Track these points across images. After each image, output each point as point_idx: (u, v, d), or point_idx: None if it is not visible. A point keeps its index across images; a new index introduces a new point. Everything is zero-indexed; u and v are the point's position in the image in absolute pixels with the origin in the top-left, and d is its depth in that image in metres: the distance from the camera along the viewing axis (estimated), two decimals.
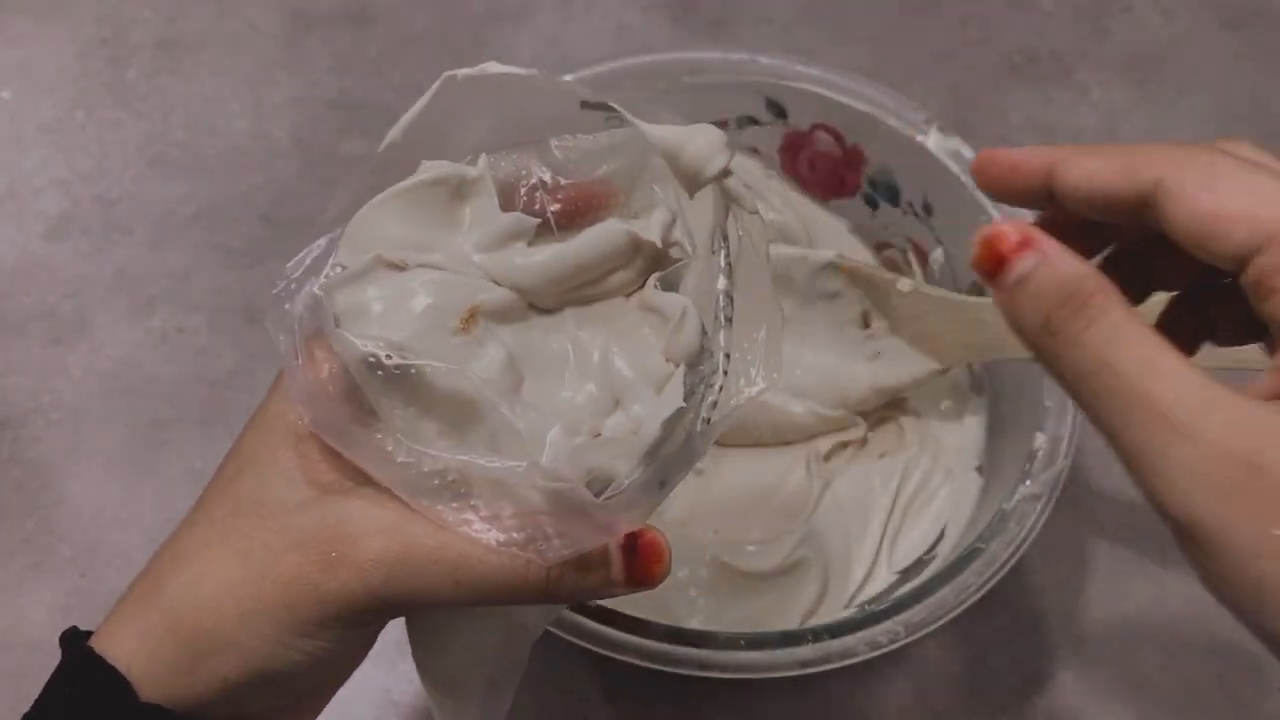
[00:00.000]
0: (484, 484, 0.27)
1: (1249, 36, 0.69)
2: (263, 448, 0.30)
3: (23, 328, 0.58)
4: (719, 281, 0.30)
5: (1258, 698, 0.50)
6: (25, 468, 0.54)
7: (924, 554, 0.49)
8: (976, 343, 0.48)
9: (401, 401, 0.28)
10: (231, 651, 0.28)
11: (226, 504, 0.29)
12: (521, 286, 0.30)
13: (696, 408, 0.29)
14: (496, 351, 0.29)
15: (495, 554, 0.27)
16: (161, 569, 0.29)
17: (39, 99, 0.65)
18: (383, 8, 0.69)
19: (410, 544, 0.27)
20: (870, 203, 0.55)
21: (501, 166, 0.31)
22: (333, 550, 0.27)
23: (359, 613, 0.28)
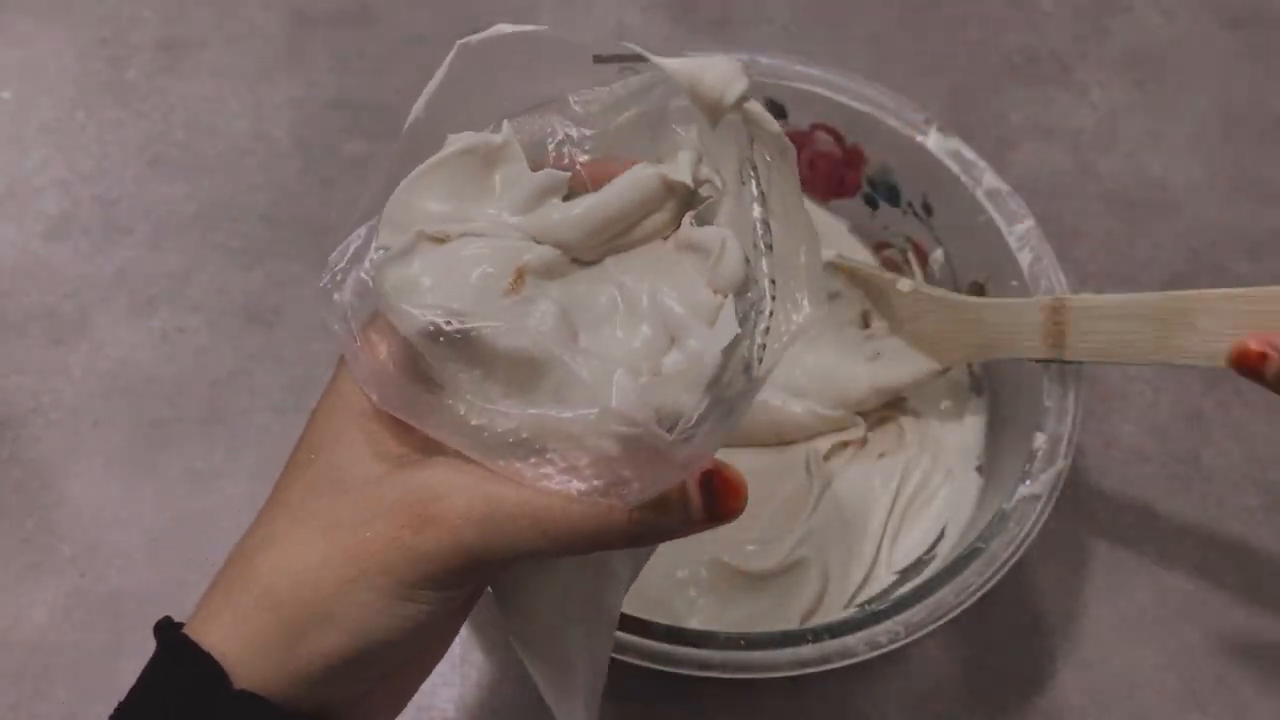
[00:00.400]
0: (557, 437, 0.27)
1: (1249, 36, 0.69)
2: (331, 431, 0.30)
3: (23, 328, 0.58)
4: (754, 210, 0.30)
5: (1258, 698, 0.50)
6: (25, 467, 0.54)
7: (924, 554, 0.49)
8: (976, 342, 0.48)
9: (466, 366, 0.28)
10: (331, 623, 0.28)
11: (302, 488, 0.30)
12: (562, 241, 0.30)
13: (751, 335, 0.29)
14: (548, 307, 0.29)
15: (577, 503, 0.28)
16: (247, 556, 0.29)
17: (39, 99, 0.65)
18: (383, 8, 0.69)
19: (495, 500, 0.28)
20: (870, 203, 0.55)
21: (526, 129, 0.31)
22: (421, 512, 0.28)
23: (455, 572, 0.28)
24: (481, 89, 0.31)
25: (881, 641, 0.41)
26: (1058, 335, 0.45)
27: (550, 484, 0.28)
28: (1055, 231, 0.52)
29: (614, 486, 0.27)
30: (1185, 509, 0.55)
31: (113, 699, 0.36)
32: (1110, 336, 0.43)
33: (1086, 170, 0.65)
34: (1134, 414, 0.57)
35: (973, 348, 0.49)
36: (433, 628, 0.29)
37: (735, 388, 0.28)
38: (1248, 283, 0.60)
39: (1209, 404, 0.57)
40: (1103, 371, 0.58)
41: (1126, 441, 0.56)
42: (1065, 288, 0.48)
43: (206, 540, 0.52)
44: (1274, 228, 0.63)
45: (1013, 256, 0.49)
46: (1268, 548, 0.54)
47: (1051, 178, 0.64)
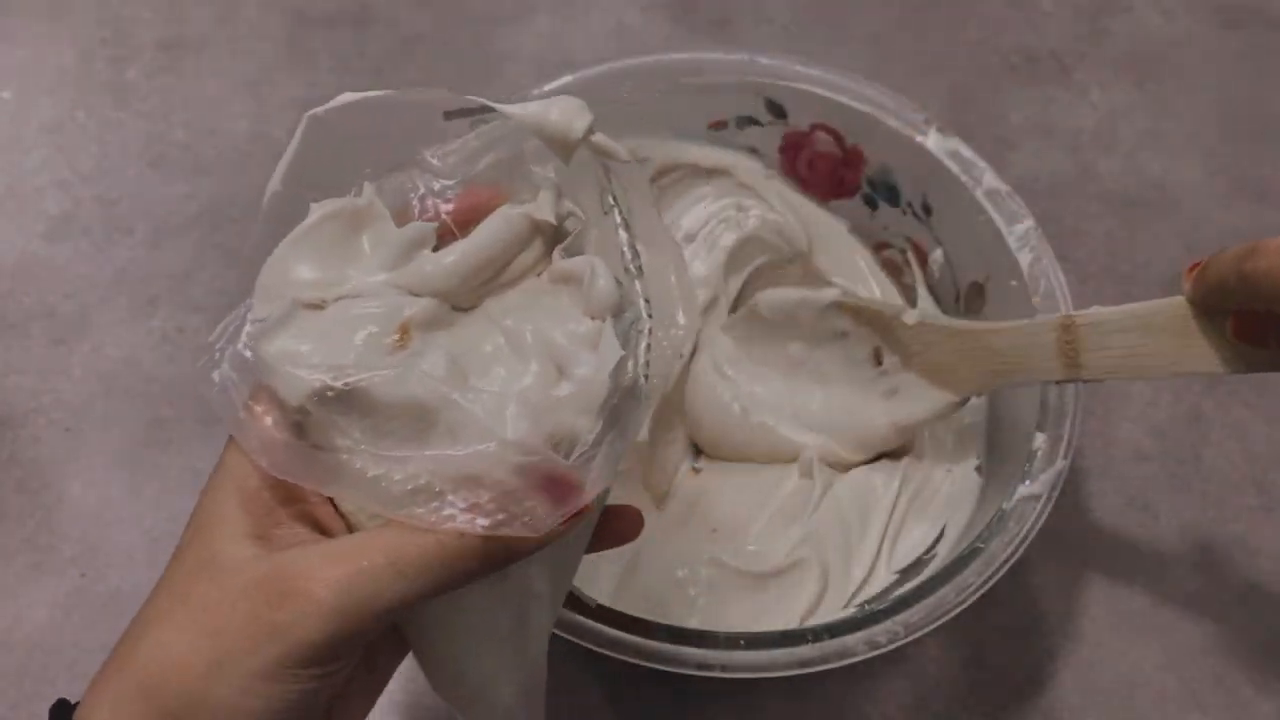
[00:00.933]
0: (457, 478, 0.28)
1: (1249, 37, 0.69)
2: (213, 511, 0.30)
3: (24, 328, 0.58)
4: (620, 236, 0.31)
5: (1257, 698, 0.50)
6: (26, 467, 0.54)
7: (924, 553, 0.49)
8: (990, 369, 0.47)
9: (358, 421, 0.28)
10: (203, 710, 0.28)
11: (182, 571, 0.30)
12: (439, 290, 0.31)
13: (634, 353, 0.30)
14: (438, 357, 0.30)
15: (425, 533, 0.28)
16: (131, 637, 0.29)
17: (40, 99, 0.65)
18: (383, 9, 0.69)
19: (352, 555, 0.28)
20: (870, 203, 0.55)
21: (387, 189, 0.32)
22: (281, 587, 0.28)
23: (321, 645, 0.28)
24: (338, 157, 0.31)
25: (881, 641, 0.41)
26: (1072, 354, 0.44)
27: (455, 524, 0.28)
28: (1055, 231, 0.52)
29: (518, 519, 0.28)
30: (1185, 509, 0.55)
31: None
32: (1126, 350, 0.42)
33: (1086, 170, 0.65)
34: (1134, 414, 0.57)
35: (988, 375, 0.47)
36: (312, 708, 0.29)
37: (626, 406, 0.29)
38: None
39: (1209, 404, 0.57)
40: None
41: (1126, 441, 0.56)
42: (1065, 288, 0.48)
43: None
44: (1273, 228, 0.63)
45: (1012, 257, 0.49)
46: (1267, 548, 0.54)
47: (1051, 178, 0.64)
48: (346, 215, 0.31)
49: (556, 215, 0.32)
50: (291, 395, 0.28)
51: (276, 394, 0.29)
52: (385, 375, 0.28)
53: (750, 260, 0.56)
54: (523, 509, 0.28)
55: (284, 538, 0.29)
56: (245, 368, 0.29)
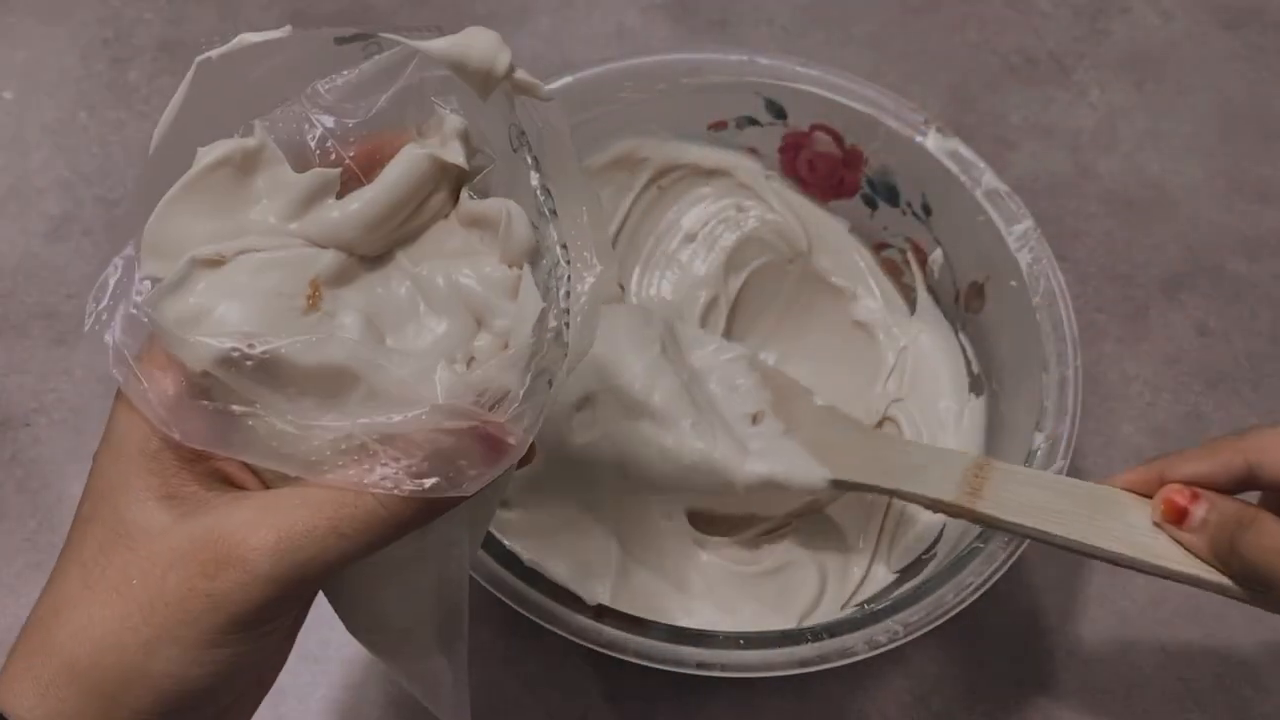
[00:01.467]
0: (387, 439, 0.27)
1: (1248, 37, 0.69)
2: (115, 477, 0.29)
3: (25, 328, 0.58)
4: (531, 178, 0.30)
5: (1257, 698, 0.50)
6: (27, 467, 0.54)
7: (923, 553, 0.49)
8: (882, 468, 0.46)
9: (274, 389, 0.27)
10: (141, 684, 0.27)
11: (93, 543, 0.28)
12: (346, 242, 0.29)
13: (555, 302, 0.28)
14: (352, 318, 0.29)
15: (366, 495, 0.27)
16: (45, 622, 0.28)
17: (42, 100, 0.65)
18: (383, 9, 0.69)
19: (283, 518, 0.27)
20: (869, 203, 0.55)
21: (279, 129, 0.29)
22: (213, 555, 0.27)
23: (262, 607, 0.27)
24: (230, 103, 0.29)
25: (881, 641, 0.41)
26: (975, 485, 0.42)
27: (389, 486, 0.27)
28: (1054, 232, 0.52)
29: (452, 478, 0.27)
30: None
31: None
32: (1031, 502, 0.41)
33: (1085, 171, 0.65)
34: (1133, 414, 0.57)
35: (876, 471, 0.46)
36: (255, 665, 0.28)
37: (551, 357, 0.28)
38: (1245, 284, 0.61)
39: (1208, 404, 0.58)
40: (1102, 371, 0.58)
41: (1126, 441, 0.56)
42: (1064, 288, 0.48)
43: None
44: (1272, 228, 0.63)
45: (1012, 257, 0.49)
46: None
47: (1050, 178, 0.64)
48: (238, 159, 0.29)
49: (465, 153, 0.30)
50: (197, 363, 0.27)
51: (179, 359, 0.27)
52: (301, 341, 0.27)
53: (750, 260, 0.56)
54: (456, 467, 0.27)
55: (196, 497, 0.28)
56: (138, 330, 0.28)
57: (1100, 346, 0.59)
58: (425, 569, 0.32)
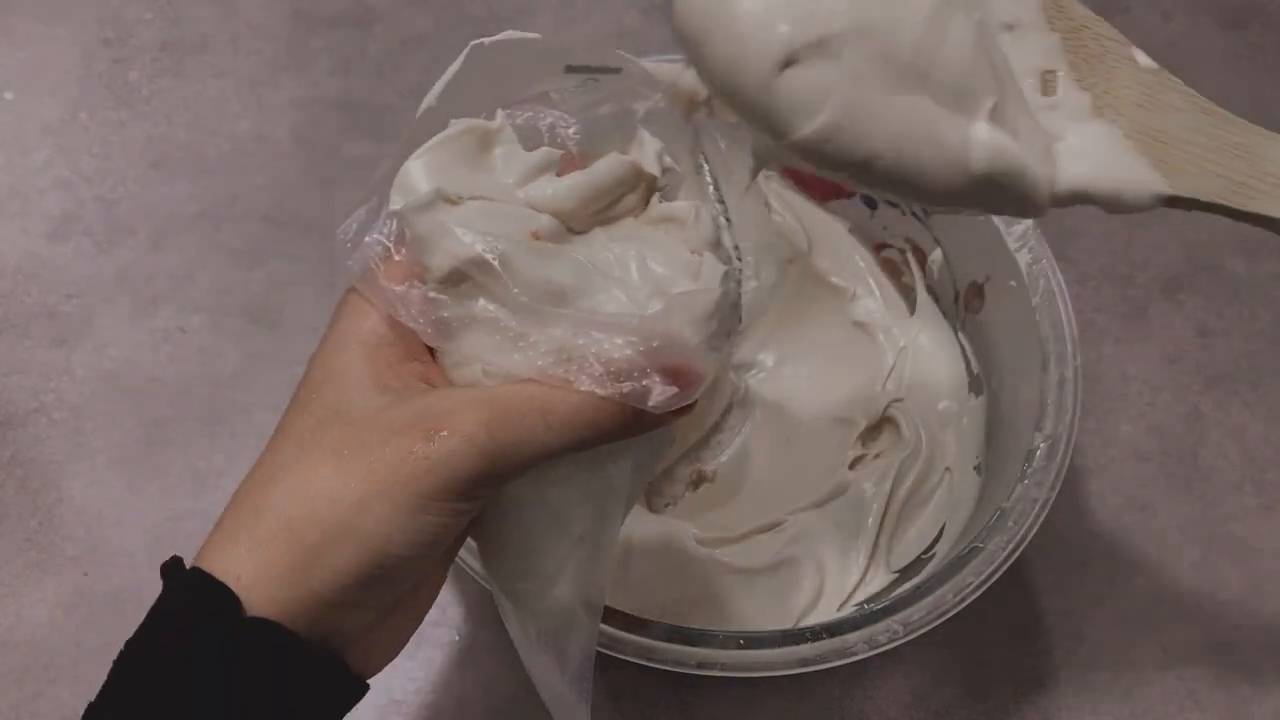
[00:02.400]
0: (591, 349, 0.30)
1: (1248, 37, 0.69)
2: (334, 368, 0.31)
3: (25, 328, 0.58)
4: (710, 192, 0.35)
5: (1257, 697, 0.50)
6: (28, 467, 0.54)
7: (923, 553, 0.49)
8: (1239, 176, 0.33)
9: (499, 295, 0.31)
10: (349, 540, 0.29)
11: (310, 419, 0.31)
12: (560, 211, 0.33)
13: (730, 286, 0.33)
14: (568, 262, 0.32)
15: (575, 393, 0.30)
16: (258, 486, 0.30)
17: (42, 100, 0.65)
18: (384, 9, 0.69)
19: (500, 401, 0.30)
20: (869, 203, 0.55)
21: (515, 118, 0.34)
22: (433, 424, 0.29)
23: (470, 478, 0.29)
24: (483, 84, 0.35)
25: (881, 640, 0.41)
26: None
27: (592, 386, 0.30)
28: (1053, 231, 0.52)
29: (642, 393, 0.30)
30: (1183, 508, 0.55)
31: None
32: None
33: None
34: (1133, 413, 0.57)
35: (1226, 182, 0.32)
36: (440, 545, 0.30)
37: (729, 317, 0.32)
38: (1245, 284, 0.61)
39: (1208, 404, 0.58)
40: (1102, 371, 0.58)
41: (1125, 441, 0.56)
42: (1064, 288, 0.48)
43: None
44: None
45: (1011, 256, 0.49)
46: (1265, 546, 0.54)
47: None
48: (480, 133, 0.33)
49: (659, 167, 0.34)
50: (446, 260, 0.30)
51: (422, 262, 0.31)
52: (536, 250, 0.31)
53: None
54: (647, 385, 0.30)
55: (407, 389, 0.31)
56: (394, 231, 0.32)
57: (1100, 346, 0.59)
58: (581, 515, 0.34)
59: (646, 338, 0.30)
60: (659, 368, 0.30)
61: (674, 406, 0.30)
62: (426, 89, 0.34)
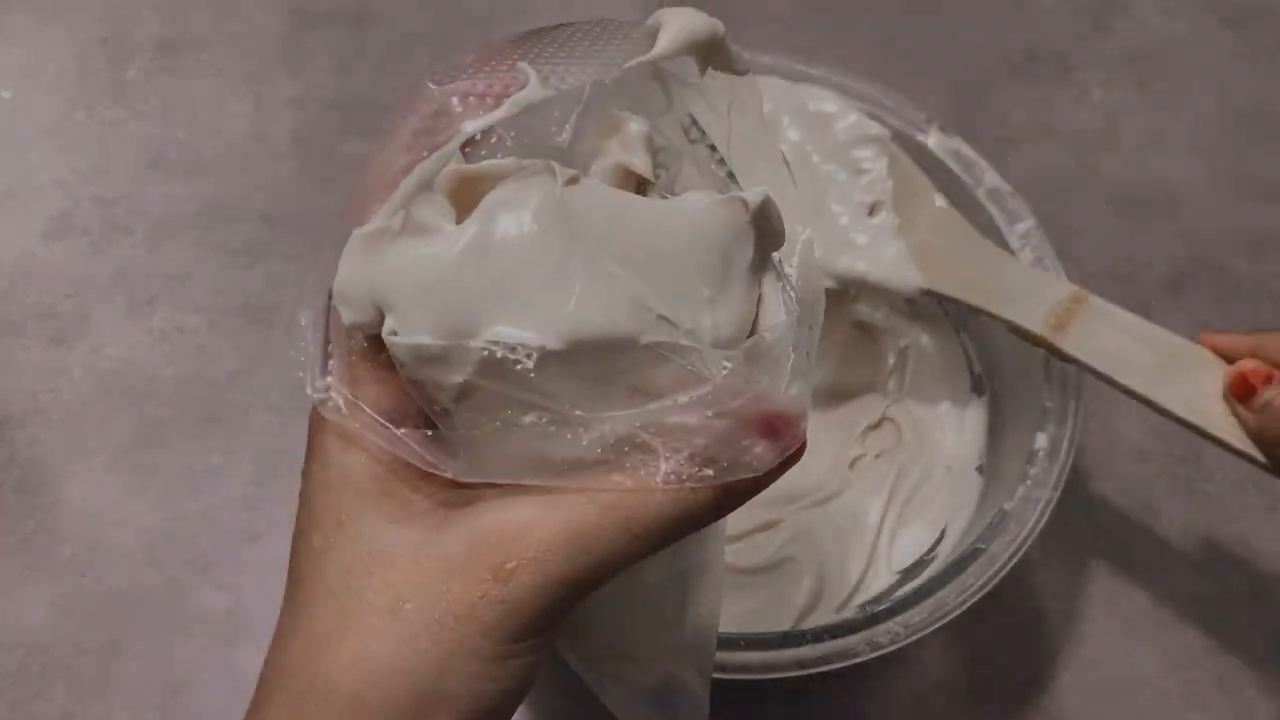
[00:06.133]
0: (663, 428, 0.25)
1: (1250, 36, 0.69)
2: (347, 506, 0.27)
3: (22, 328, 0.58)
4: (714, 169, 0.29)
5: (1259, 698, 0.50)
6: (25, 468, 0.54)
7: (924, 554, 0.48)
8: (980, 285, 0.46)
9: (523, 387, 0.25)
10: (439, 710, 0.25)
11: (338, 571, 0.26)
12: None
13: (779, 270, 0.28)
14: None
15: (657, 492, 0.25)
16: (304, 662, 0.26)
17: (39, 99, 0.65)
18: (383, 8, 0.68)
19: (572, 518, 0.25)
20: None
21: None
22: (502, 559, 0.25)
23: (553, 611, 0.25)
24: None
25: (882, 642, 0.41)
26: (1063, 319, 0.43)
27: (672, 480, 0.25)
28: (1057, 231, 0.52)
29: (740, 462, 0.26)
30: (1186, 509, 0.54)
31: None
32: (1111, 346, 0.43)
33: (1088, 170, 0.65)
34: (1135, 414, 0.57)
35: (972, 289, 0.46)
36: (533, 679, 0.27)
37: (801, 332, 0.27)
38: (1248, 283, 0.61)
39: None
40: None
41: (1127, 442, 0.56)
42: None
43: (206, 541, 0.52)
44: (1275, 226, 0.63)
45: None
46: (1268, 548, 0.54)
47: (1053, 177, 0.64)
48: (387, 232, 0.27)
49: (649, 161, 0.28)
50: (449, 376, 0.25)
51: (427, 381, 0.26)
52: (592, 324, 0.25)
53: None
54: (738, 450, 0.25)
55: (437, 513, 0.26)
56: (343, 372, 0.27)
57: None
58: (675, 594, 0.30)
59: (727, 401, 0.25)
60: (752, 427, 0.25)
61: (779, 461, 0.26)
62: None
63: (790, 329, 0.26)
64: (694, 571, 0.30)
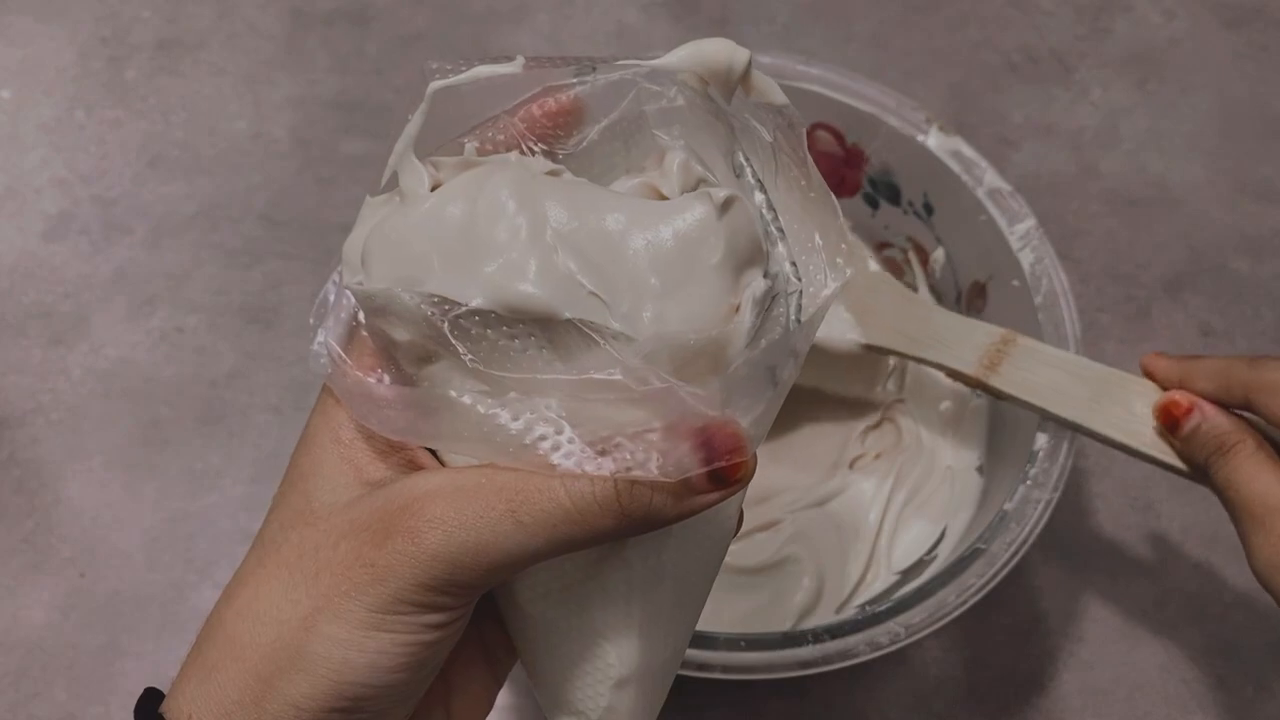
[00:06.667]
0: (573, 418, 0.24)
1: (1249, 36, 0.69)
2: (307, 465, 0.27)
3: (22, 327, 0.58)
4: (756, 199, 0.28)
5: (1259, 699, 0.50)
6: (24, 468, 0.54)
7: (925, 554, 0.48)
8: (913, 335, 0.49)
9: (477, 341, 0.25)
10: (300, 666, 0.25)
11: (276, 521, 0.27)
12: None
13: (785, 321, 0.26)
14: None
15: (555, 478, 0.24)
16: (218, 605, 0.27)
17: (39, 98, 0.65)
18: (382, 7, 0.68)
19: (463, 492, 0.25)
20: (871, 202, 0.55)
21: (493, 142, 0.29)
22: (387, 523, 0.25)
23: (424, 586, 0.25)
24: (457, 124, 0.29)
25: (882, 642, 0.41)
26: (994, 359, 0.46)
27: (574, 465, 0.24)
28: (1056, 231, 0.52)
29: (647, 463, 0.24)
30: (1186, 509, 0.54)
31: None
32: (1042, 380, 0.45)
33: (1088, 170, 0.64)
34: None
35: (907, 340, 0.48)
36: (419, 668, 0.26)
37: (776, 347, 0.26)
38: (1247, 283, 0.61)
39: None
40: None
41: None
42: (1067, 288, 0.48)
43: (205, 541, 0.52)
44: (1275, 227, 0.63)
45: (1014, 256, 0.49)
46: None
47: (1052, 177, 0.64)
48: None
49: (683, 184, 0.27)
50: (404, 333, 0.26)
51: (390, 339, 0.26)
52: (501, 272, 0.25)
53: None
54: (656, 455, 0.24)
55: (387, 478, 0.27)
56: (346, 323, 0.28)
57: (1103, 346, 0.59)
58: (622, 644, 0.28)
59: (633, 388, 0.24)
60: (678, 432, 0.24)
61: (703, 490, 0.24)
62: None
63: (745, 340, 0.25)
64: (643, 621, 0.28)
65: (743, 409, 0.25)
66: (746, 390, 0.25)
